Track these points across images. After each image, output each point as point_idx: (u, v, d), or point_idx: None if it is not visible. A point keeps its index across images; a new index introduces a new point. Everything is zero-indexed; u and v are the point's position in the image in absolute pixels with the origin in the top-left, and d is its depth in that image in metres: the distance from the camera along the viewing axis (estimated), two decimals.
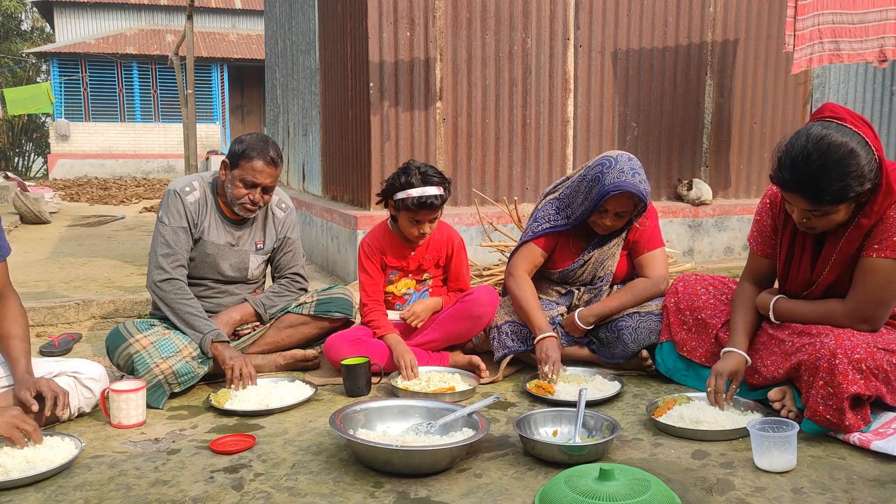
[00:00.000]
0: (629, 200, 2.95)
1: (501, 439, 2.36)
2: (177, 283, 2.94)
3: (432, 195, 2.99)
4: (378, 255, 3.19)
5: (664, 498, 1.77)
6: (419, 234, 3.09)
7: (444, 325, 3.12)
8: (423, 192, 2.98)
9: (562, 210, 3.14)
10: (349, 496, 1.97)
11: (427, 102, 5.25)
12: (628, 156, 2.97)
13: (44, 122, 24.47)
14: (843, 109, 2.28)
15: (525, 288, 3.09)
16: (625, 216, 3.01)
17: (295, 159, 8.00)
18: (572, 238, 3.16)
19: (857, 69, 8.37)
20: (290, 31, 7.95)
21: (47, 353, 3.43)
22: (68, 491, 2.01)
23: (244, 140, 3.00)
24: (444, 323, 3.13)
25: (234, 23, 22.94)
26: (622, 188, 2.88)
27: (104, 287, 4.96)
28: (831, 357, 2.22)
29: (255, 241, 3.17)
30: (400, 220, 3.11)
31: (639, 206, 3.01)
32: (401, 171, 3.06)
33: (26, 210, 9.40)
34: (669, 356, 2.90)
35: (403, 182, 3.02)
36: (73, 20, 22.11)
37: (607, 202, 2.94)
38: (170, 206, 2.99)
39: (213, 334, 2.86)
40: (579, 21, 5.62)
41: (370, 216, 5.00)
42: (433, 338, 3.12)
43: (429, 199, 2.98)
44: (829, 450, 2.24)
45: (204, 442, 2.36)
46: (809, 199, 2.25)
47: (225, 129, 21.09)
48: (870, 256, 2.33)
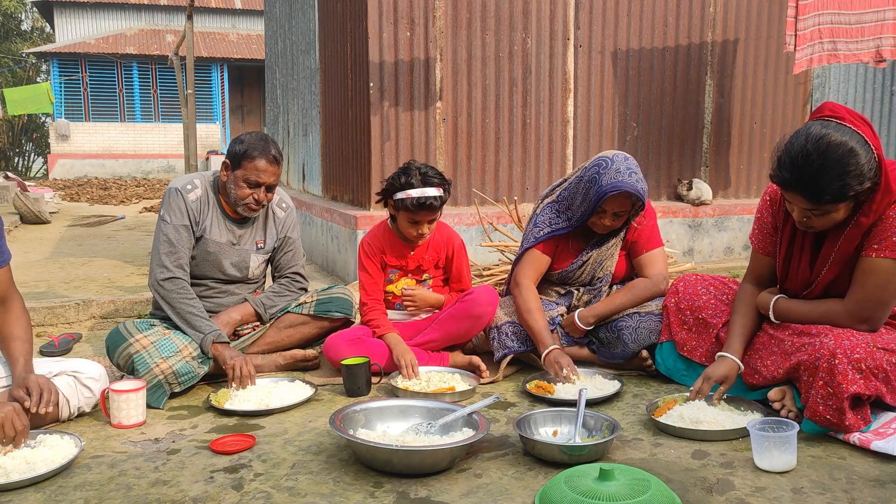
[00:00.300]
0: (627, 200, 2.95)
1: (501, 439, 2.36)
2: (179, 282, 2.94)
3: (431, 196, 2.99)
4: (378, 254, 3.20)
5: (664, 498, 1.77)
6: (418, 234, 3.09)
7: (443, 325, 3.12)
8: (422, 193, 2.98)
9: (561, 213, 3.14)
10: (349, 496, 1.97)
11: (427, 102, 5.26)
12: (624, 155, 2.97)
13: (44, 122, 24.47)
14: (842, 108, 2.29)
15: (530, 299, 3.05)
16: (623, 215, 3.01)
17: (295, 159, 8.00)
18: (571, 239, 3.16)
19: (857, 69, 8.37)
20: (290, 31, 7.95)
21: (47, 353, 3.43)
22: (68, 491, 2.01)
23: (244, 140, 2.99)
24: (443, 322, 3.13)
25: (234, 23, 22.94)
26: (620, 188, 2.87)
27: (104, 287, 4.96)
28: (831, 357, 2.22)
29: (255, 240, 3.16)
30: (399, 220, 3.11)
31: (637, 205, 3.01)
32: (401, 172, 3.06)
33: (26, 210, 9.40)
34: (669, 356, 2.90)
35: (403, 182, 3.02)
36: (73, 20, 22.11)
37: (605, 202, 2.93)
38: (171, 204, 2.99)
39: (213, 335, 2.86)
40: (579, 21, 5.62)
41: (370, 216, 5.00)
42: (433, 337, 3.12)
43: (428, 200, 2.98)
44: (829, 450, 2.24)
45: (204, 442, 2.36)
46: (809, 198, 2.25)
47: (225, 129, 21.09)
48: (869, 256, 2.33)
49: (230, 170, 2.99)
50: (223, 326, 2.99)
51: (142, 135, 20.67)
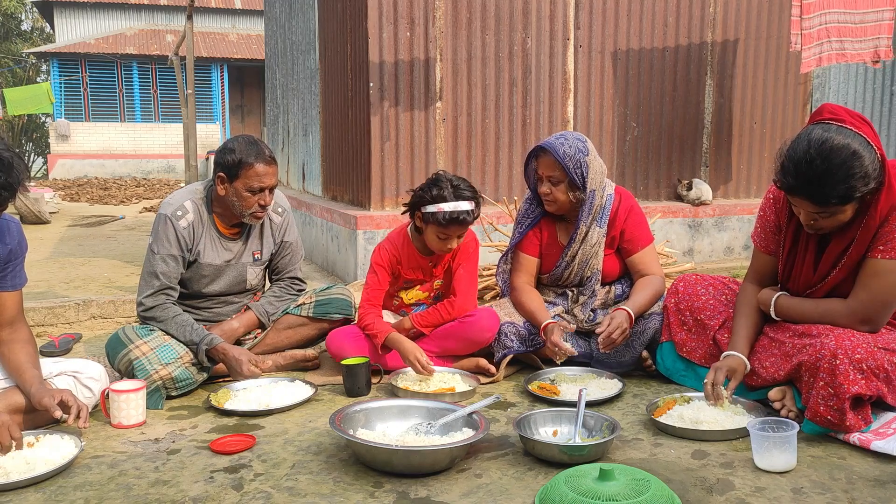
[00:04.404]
0: (553, 162, 2.97)
1: (501, 439, 2.36)
2: (162, 306, 2.87)
3: (464, 211, 2.89)
4: (393, 264, 3.11)
5: (664, 498, 1.77)
6: (446, 248, 3.00)
7: (440, 341, 3.06)
8: (455, 207, 2.88)
9: (532, 201, 3.21)
10: (349, 496, 1.97)
11: (427, 102, 5.25)
12: (575, 133, 3.06)
13: (44, 122, 24.47)
14: (841, 110, 2.28)
15: (526, 291, 3.13)
16: (557, 183, 3.00)
17: (295, 159, 8.00)
18: (557, 237, 3.18)
19: (857, 69, 8.37)
20: (290, 31, 7.95)
21: (47, 353, 3.43)
22: (68, 491, 2.01)
23: (234, 148, 2.86)
24: (440, 339, 3.07)
25: (234, 23, 22.93)
26: (538, 146, 3.01)
27: (104, 287, 4.96)
28: (832, 357, 2.22)
29: (252, 251, 3.10)
30: (427, 233, 2.99)
31: (573, 174, 2.97)
32: (431, 184, 2.94)
33: (26, 210, 9.40)
34: (669, 356, 2.90)
35: (434, 195, 2.90)
36: (73, 20, 22.10)
37: (537, 165, 3.04)
38: (160, 232, 2.89)
39: (206, 341, 2.81)
40: (579, 21, 5.62)
41: (370, 216, 5.00)
42: (429, 349, 3.04)
43: (461, 216, 2.89)
44: (829, 450, 2.24)
45: (204, 442, 2.36)
46: (816, 203, 2.24)
47: (225, 129, 21.08)
48: (874, 258, 2.33)
49: (228, 182, 2.88)
50: (223, 335, 2.93)
51: (142, 135, 20.65)
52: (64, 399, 2.29)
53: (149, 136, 20.69)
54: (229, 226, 3.04)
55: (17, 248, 2.42)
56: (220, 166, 2.89)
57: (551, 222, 3.20)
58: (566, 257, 3.13)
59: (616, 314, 2.88)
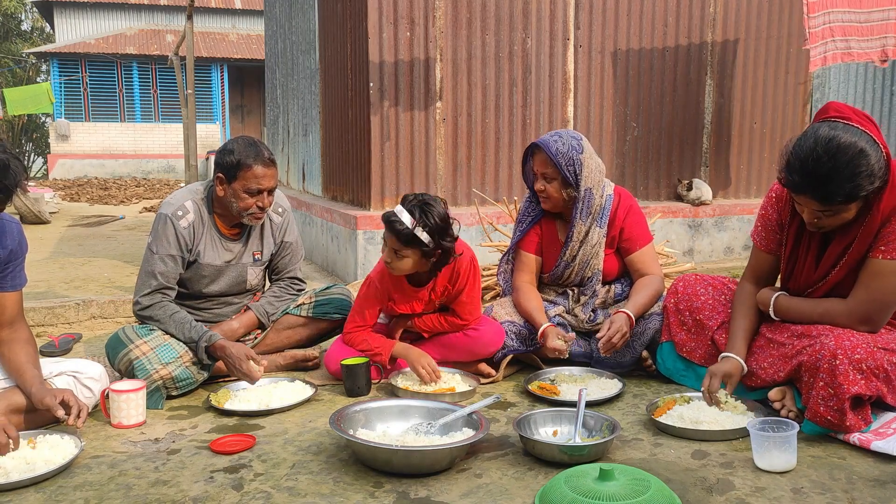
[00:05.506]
0: (547, 160, 3.01)
1: (501, 439, 2.36)
2: (159, 304, 2.86)
3: (398, 219, 2.71)
4: (383, 299, 3.00)
5: (664, 498, 1.77)
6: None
7: (443, 350, 3.03)
8: (396, 211, 2.74)
9: (532, 199, 3.23)
10: (349, 496, 1.97)
11: (427, 102, 5.25)
12: (571, 132, 3.09)
13: (44, 122, 24.46)
14: (847, 108, 2.27)
15: (526, 291, 3.13)
16: (551, 180, 3.03)
17: (295, 159, 8.00)
18: (557, 235, 3.19)
19: (857, 69, 8.38)
20: (290, 31, 7.95)
21: (47, 353, 3.43)
22: (68, 491, 2.01)
23: (233, 149, 2.86)
24: (443, 347, 3.03)
25: (234, 23, 22.93)
26: (532, 143, 3.07)
27: (104, 287, 4.96)
28: (832, 358, 2.21)
29: (252, 251, 3.09)
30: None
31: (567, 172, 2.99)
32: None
33: (26, 210, 9.40)
34: (669, 356, 2.90)
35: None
36: (73, 20, 22.10)
37: (533, 164, 3.08)
38: (160, 232, 2.87)
39: (206, 338, 2.80)
40: (579, 21, 5.62)
41: (370, 216, 5.00)
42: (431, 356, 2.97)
43: (394, 220, 2.71)
44: (829, 450, 2.24)
45: (204, 442, 2.35)
46: (821, 201, 2.24)
47: (225, 129, 21.08)
48: (876, 258, 2.32)
49: (226, 183, 2.87)
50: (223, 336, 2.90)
51: (142, 135, 20.65)
52: (65, 399, 2.30)
53: (149, 136, 20.68)
54: (230, 226, 3.03)
55: (17, 249, 2.42)
56: (220, 167, 2.90)
57: (551, 221, 3.20)
58: (565, 256, 3.13)
59: (616, 317, 2.87)
